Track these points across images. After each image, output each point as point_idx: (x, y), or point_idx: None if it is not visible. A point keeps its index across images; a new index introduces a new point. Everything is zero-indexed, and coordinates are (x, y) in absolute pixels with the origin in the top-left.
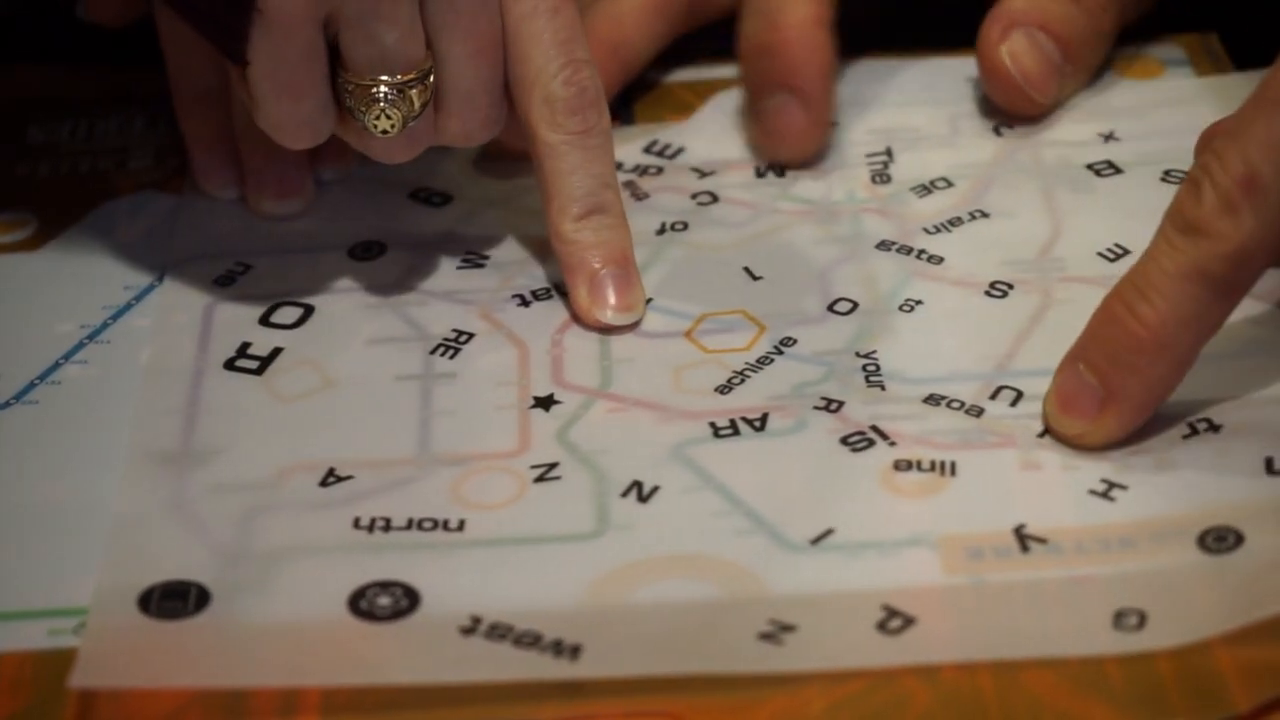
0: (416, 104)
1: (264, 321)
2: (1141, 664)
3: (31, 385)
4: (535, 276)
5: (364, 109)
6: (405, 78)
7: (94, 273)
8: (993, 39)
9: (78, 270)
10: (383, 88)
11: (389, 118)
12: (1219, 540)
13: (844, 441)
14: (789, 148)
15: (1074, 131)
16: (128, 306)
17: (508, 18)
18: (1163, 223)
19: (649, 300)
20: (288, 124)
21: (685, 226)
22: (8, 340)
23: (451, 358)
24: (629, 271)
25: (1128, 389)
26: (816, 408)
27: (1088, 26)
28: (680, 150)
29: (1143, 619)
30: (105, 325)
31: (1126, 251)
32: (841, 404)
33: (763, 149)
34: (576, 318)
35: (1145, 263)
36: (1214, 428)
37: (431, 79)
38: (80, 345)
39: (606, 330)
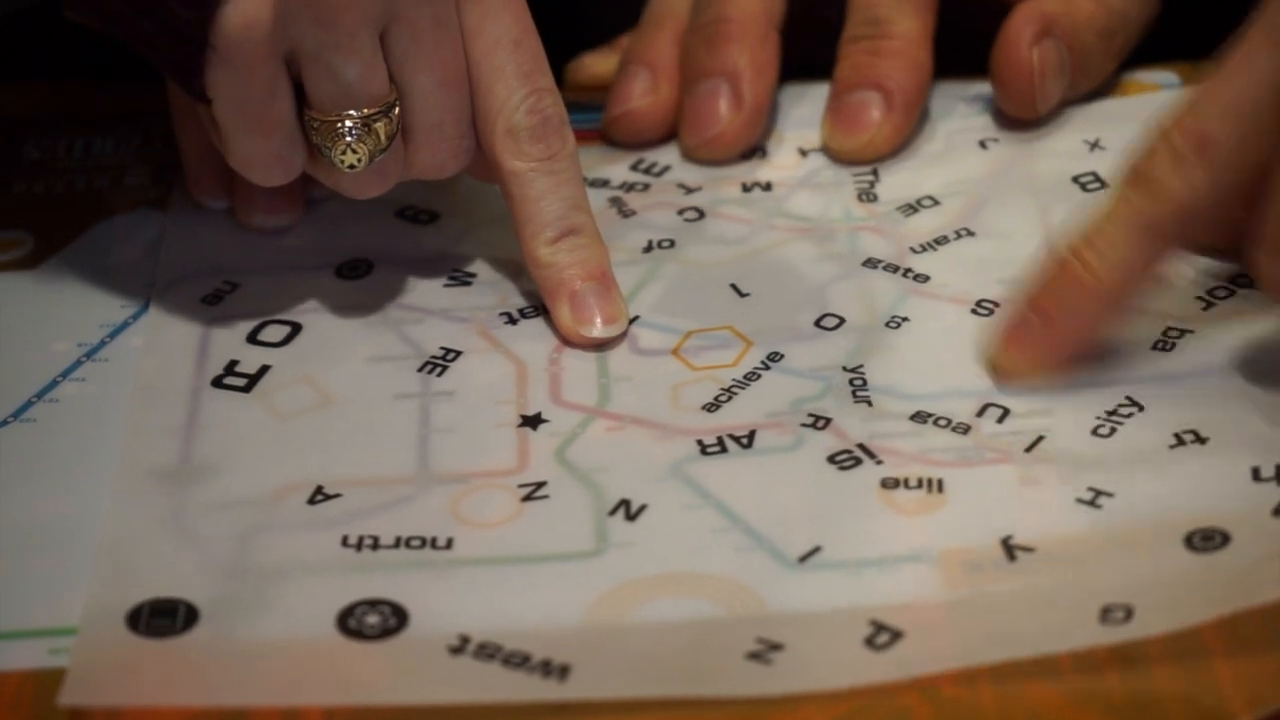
0: (383, 138)
1: (251, 339)
2: (1141, 678)
3: (29, 403)
4: (531, 294)
5: (329, 144)
6: (370, 111)
7: (91, 291)
8: (1026, 37)
9: (75, 288)
10: (347, 122)
11: (355, 153)
12: (1206, 540)
13: (832, 460)
14: (704, 131)
15: (1060, 142)
16: (125, 324)
17: (470, 52)
18: (1119, 179)
19: (635, 318)
20: (256, 161)
21: (672, 244)
22: (5, 358)
23: (448, 376)
24: (609, 285)
25: (1066, 327)
26: (804, 424)
27: (1099, 46)
28: (667, 168)
29: (1129, 613)
30: (103, 343)
31: None
32: (829, 420)
33: (683, 135)
34: (565, 339)
35: (1098, 214)
36: (1200, 439)
37: (397, 111)
38: (78, 363)
39: (594, 346)
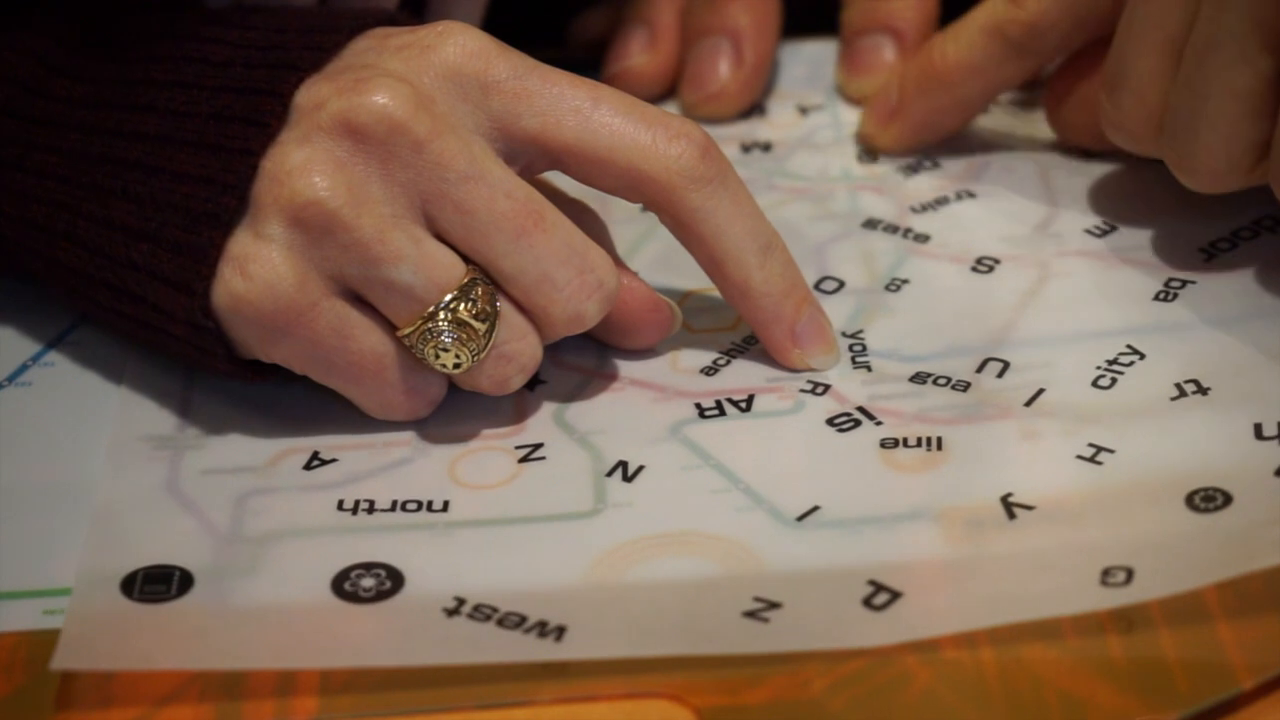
0: (472, 320)
1: None
2: (1144, 642)
3: (24, 367)
4: None
5: (425, 353)
6: (449, 299)
7: None
8: None
9: None
10: (436, 322)
11: (449, 351)
12: (1207, 500)
13: (831, 422)
14: (704, 87)
15: None
16: None
17: (576, 139)
18: None
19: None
20: (389, 404)
21: None
22: (1, 322)
23: None
24: (817, 308)
25: (913, 108)
26: (803, 390)
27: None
28: None
29: (1130, 575)
30: None
31: (1114, 228)
32: (828, 386)
33: (683, 91)
34: (783, 364)
35: (965, 14)
36: (1202, 390)
37: (481, 291)
38: (73, 327)
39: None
